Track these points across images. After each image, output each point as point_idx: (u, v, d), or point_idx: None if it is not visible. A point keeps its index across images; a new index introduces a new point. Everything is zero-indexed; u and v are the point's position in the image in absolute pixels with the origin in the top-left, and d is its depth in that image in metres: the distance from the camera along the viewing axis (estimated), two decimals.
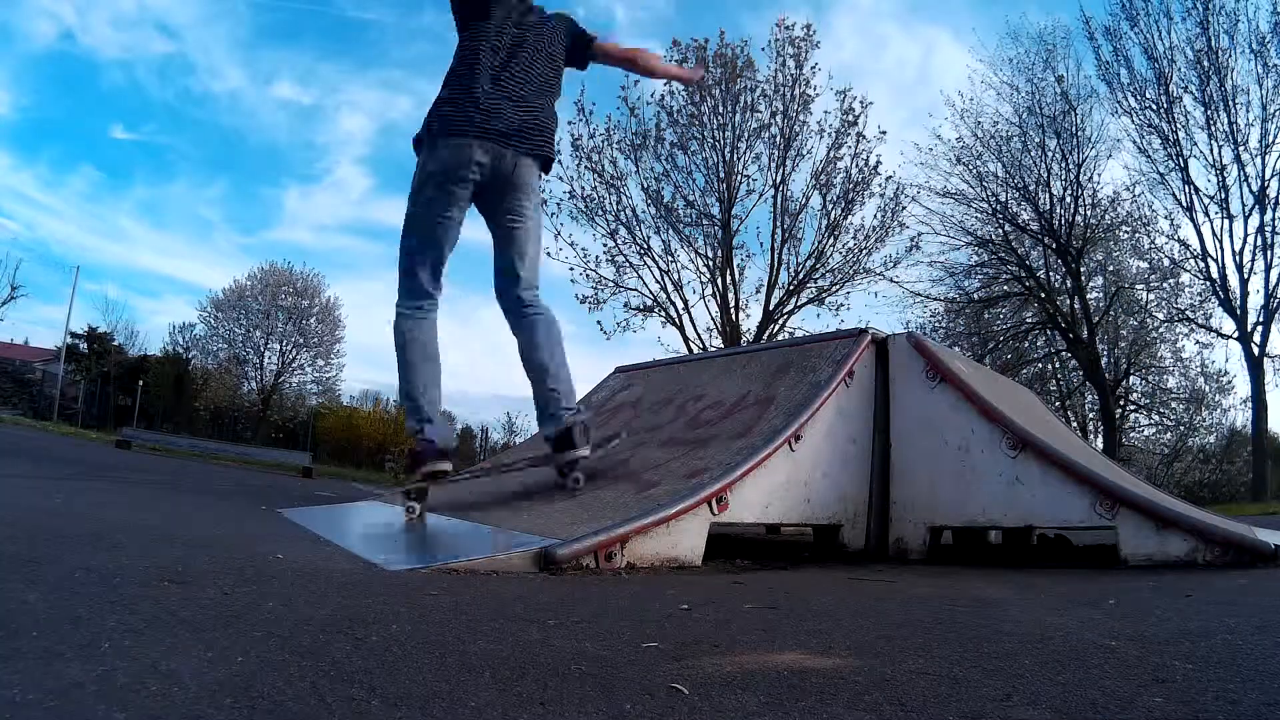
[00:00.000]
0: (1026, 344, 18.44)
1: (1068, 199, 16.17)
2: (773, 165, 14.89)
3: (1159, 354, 18.67)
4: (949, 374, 3.42)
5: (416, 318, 2.96)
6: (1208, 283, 15.19)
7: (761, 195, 14.99)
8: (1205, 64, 14.30)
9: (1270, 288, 14.33)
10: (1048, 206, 16.31)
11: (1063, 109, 16.00)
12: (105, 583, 1.56)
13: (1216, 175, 14.79)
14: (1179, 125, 14.85)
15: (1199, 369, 19.07)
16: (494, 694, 1.05)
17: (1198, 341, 17.09)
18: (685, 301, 15.31)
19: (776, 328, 15.21)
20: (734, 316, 14.96)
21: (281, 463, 13.74)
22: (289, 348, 29.10)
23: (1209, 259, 14.98)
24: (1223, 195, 14.78)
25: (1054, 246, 16.42)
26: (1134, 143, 15.46)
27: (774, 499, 3.13)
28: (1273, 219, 14.31)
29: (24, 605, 1.31)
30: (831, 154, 14.81)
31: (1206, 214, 15.01)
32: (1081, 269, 16.38)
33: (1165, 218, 15.66)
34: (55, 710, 0.87)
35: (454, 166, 2.79)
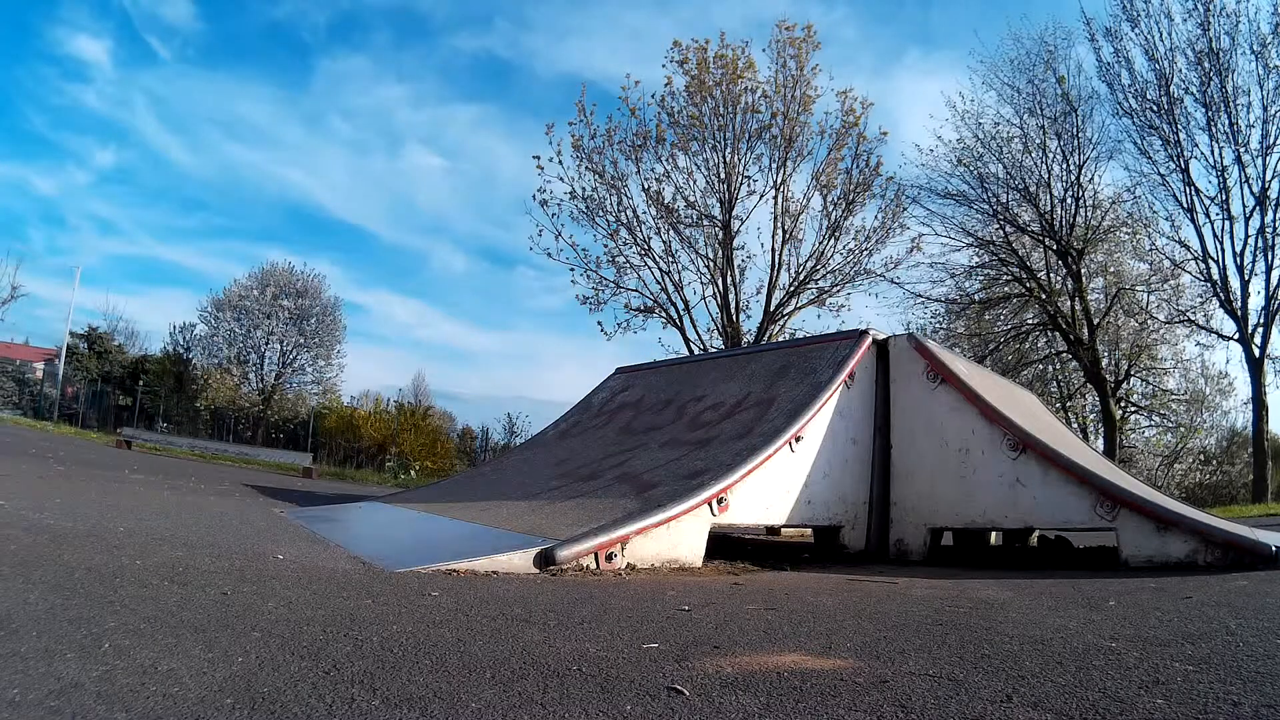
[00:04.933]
0: (1027, 345, 18.41)
1: (1068, 200, 16.15)
2: (773, 166, 14.88)
3: (1159, 355, 18.65)
4: (950, 375, 3.42)
5: None
6: (1208, 284, 15.17)
7: (762, 196, 14.97)
8: (1206, 65, 14.28)
9: (1271, 289, 14.30)
10: (1048, 208, 16.30)
11: (1063, 110, 16.00)
12: (105, 583, 1.56)
13: (1217, 176, 14.76)
14: (1180, 126, 14.82)
15: (1199, 370, 19.06)
16: (495, 694, 1.05)
17: (1198, 343, 17.05)
18: (686, 302, 15.29)
19: (777, 329, 15.20)
20: (734, 317, 14.95)
21: (282, 463, 13.73)
22: (290, 348, 29.13)
23: (1210, 260, 14.95)
24: (1223, 197, 14.76)
25: (1054, 248, 16.40)
26: (1135, 144, 15.44)
27: (774, 500, 3.13)
28: (1273, 220, 14.28)
29: (24, 605, 1.31)
30: (832, 155, 14.81)
31: (1207, 215, 14.98)
32: (1082, 270, 16.37)
33: (1166, 219, 15.66)
34: (56, 710, 0.87)
35: None
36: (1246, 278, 14.61)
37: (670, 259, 15.13)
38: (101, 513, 2.85)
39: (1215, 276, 14.94)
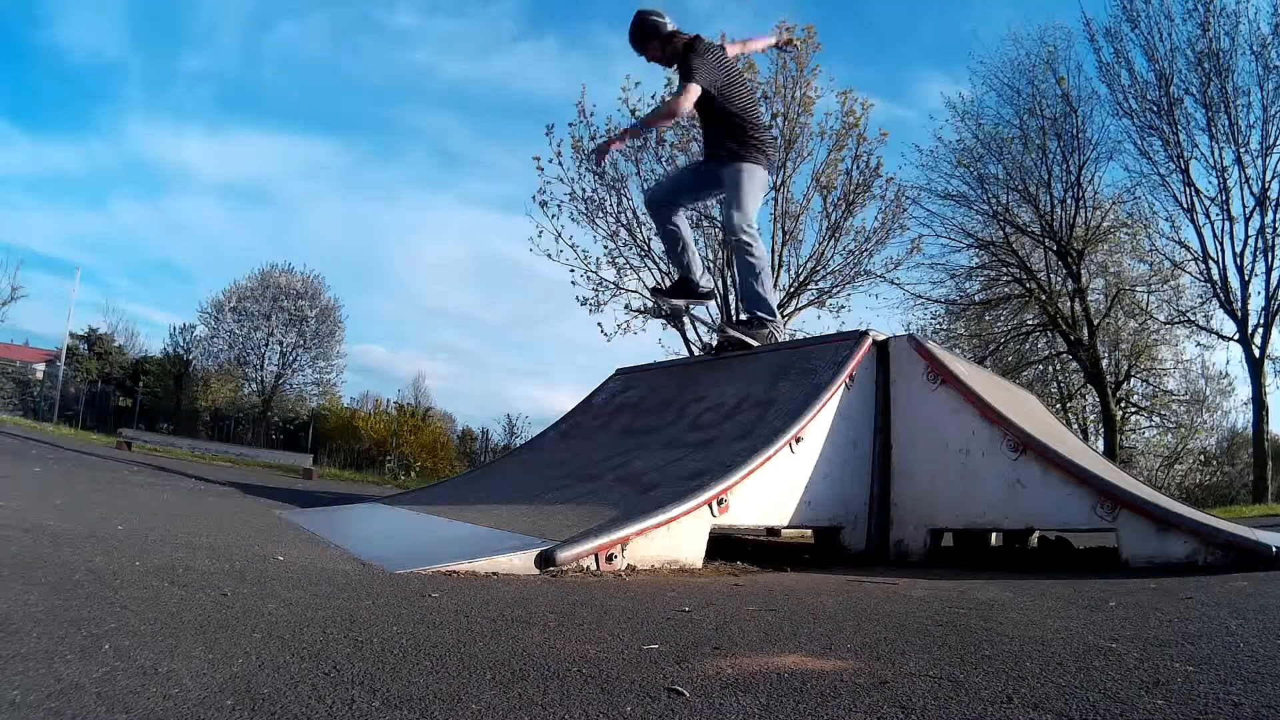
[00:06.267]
0: (1027, 346, 18.43)
1: (1068, 201, 16.17)
2: (773, 167, 14.89)
3: (1160, 356, 18.67)
4: (950, 376, 3.41)
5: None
6: (1208, 285, 15.18)
7: None
8: (1206, 66, 14.30)
9: (1271, 290, 14.32)
10: (1048, 208, 16.31)
11: (1063, 111, 16.02)
12: (105, 584, 1.57)
13: (1217, 177, 14.79)
14: (1180, 127, 14.85)
15: (1200, 371, 19.09)
16: (495, 696, 1.05)
17: (1198, 343, 17.08)
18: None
19: None
20: (735, 318, 14.95)
21: (282, 464, 13.72)
22: (289, 349, 29.12)
23: (1210, 261, 14.97)
24: (1223, 197, 14.78)
25: (1054, 248, 16.41)
26: (1135, 144, 15.47)
27: (775, 501, 3.12)
28: (1273, 221, 14.30)
29: (24, 606, 1.31)
30: (832, 156, 14.80)
31: (1207, 216, 15.01)
32: (1082, 271, 16.37)
33: (1166, 220, 15.67)
34: (56, 711, 0.87)
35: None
36: (1246, 278, 14.64)
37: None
38: (101, 514, 2.86)
39: (1215, 277, 14.96)
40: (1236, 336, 14.88)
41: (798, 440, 3.18)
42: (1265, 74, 13.94)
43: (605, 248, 15.14)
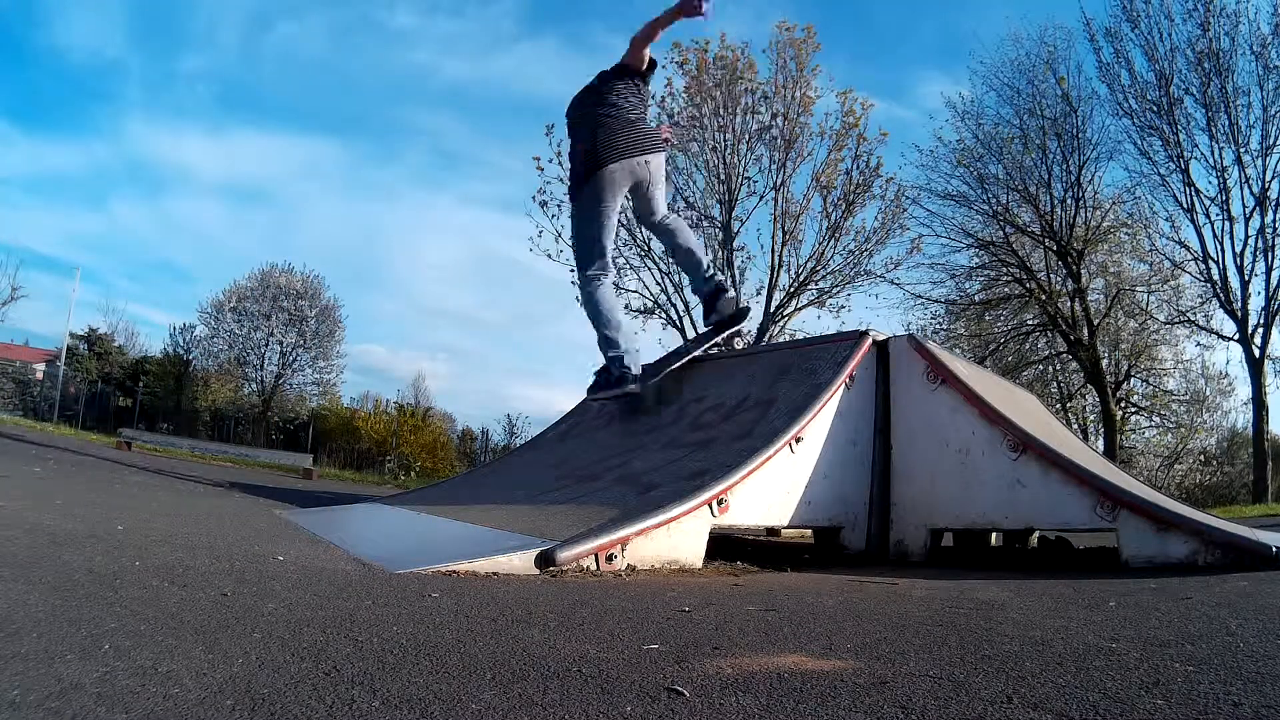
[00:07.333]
0: (1027, 346, 18.43)
1: (1068, 201, 16.17)
2: (773, 167, 14.88)
3: (1160, 356, 18.68)
4: (950, 376, 3.41)
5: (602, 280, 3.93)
6: (1208, 285, 15.19)
7: (762, 197, 14.98)
8: (1206, 66, 14.31)
9: (1271, 290, 14.33)
10: (1048, 208, 16.31)
11: (1063, 111, 16.02)
12: (106, 584, 1.57)
13: (1217, 177, 14.79)
14: (1180, 127, 14.85)
15: (1200, 371, 19.11)
16: (495, 696, 1.05)
17: (1198, 343, 17.10)
18: (686, 303, 15.28)
19: (777, 329, 15.19)
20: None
21: (282, 464, 13.71)
22: (289, 349, 29.11)
23: (1210, 261, 14.97)
24: (1223, 197, 14.79)
25: (1055, 248, 16.41)
26: (1135, 144, 15.48)
27: (775, 501, 3.12)
28: (1273, 221, 14.31)
29: (25, 606, 1.31)
30: (832, 156, 14.80)
31: (1207, 216, 15.02)
32: (1082, 271, 16.37)
33: (1166, 220, 15.68)
34: (56, 711, 0.87)
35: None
36: (1246, 278, 14.65)
37: (670, 260, 15.10)
38: (102, 514, 2.85)
39: (1215, 277, 14.97)
40: (1236, 336, 14.88)
41: (798, 440, 3.18)
42: (1265, 74, 13.95)
43: None
